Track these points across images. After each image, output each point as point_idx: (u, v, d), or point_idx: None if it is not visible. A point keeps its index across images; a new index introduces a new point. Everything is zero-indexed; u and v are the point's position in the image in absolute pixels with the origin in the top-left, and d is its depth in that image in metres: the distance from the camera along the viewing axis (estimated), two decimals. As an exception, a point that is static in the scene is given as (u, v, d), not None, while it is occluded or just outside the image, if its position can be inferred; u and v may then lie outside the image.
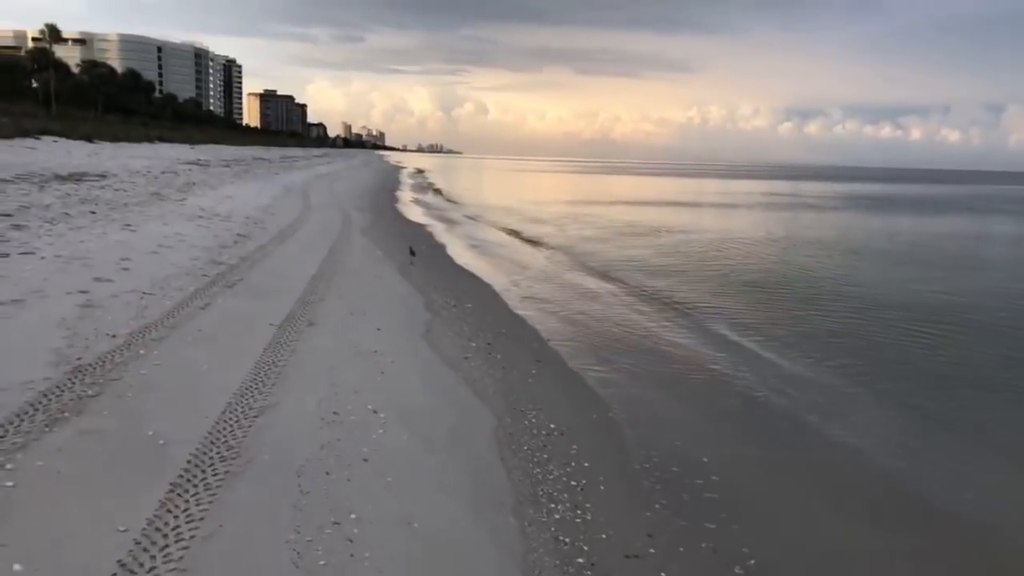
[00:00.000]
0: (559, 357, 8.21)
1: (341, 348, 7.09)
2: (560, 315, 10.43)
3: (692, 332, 9.83)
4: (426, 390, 6.29)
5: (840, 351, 9.09)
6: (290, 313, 8.12)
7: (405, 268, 12.60)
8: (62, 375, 5.27)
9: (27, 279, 7.85)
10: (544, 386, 6.96)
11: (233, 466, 4.29)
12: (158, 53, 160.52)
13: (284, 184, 30.10)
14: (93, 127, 45.06)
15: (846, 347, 9.32)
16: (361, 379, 6.25)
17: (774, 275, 15.22)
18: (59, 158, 25.35)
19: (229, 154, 53.51)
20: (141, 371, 5.63)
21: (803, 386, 7.63)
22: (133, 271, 9.04)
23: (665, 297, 12.11)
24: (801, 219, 32.40)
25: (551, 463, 5.17)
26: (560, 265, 15.43)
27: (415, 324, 8.67)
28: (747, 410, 6.92)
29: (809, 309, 11.66)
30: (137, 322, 6.90)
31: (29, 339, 5.95)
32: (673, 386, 7.51)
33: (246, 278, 9.71)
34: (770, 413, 6.84)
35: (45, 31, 66.79)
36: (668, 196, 50.80)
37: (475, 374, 6.98)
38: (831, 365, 8.45)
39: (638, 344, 9.06)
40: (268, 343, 6.87)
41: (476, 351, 7.86)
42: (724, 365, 8.30)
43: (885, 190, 74.72)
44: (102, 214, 13.30)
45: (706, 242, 20.84)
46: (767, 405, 7.04)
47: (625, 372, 7.82)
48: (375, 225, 19.15)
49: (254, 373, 5.98)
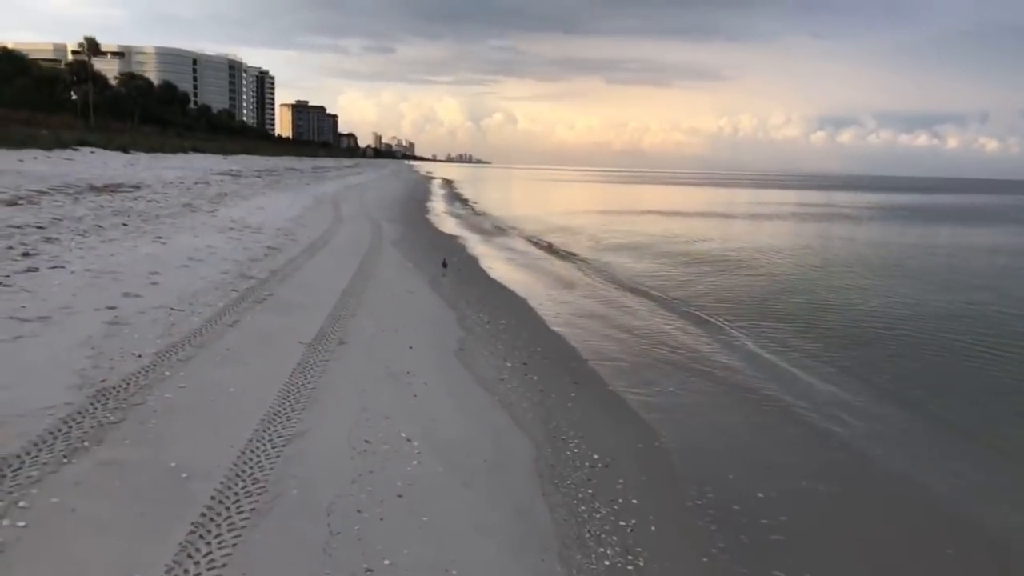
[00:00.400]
0: (598, 378, 7.84)
1: (372, 369, 6.81)
2: (597, 332, 10.06)
3: (736, 352, 9.40)
4: (461, 415, 5.97)
5: (897, 376, 8.60)
6: (320, 330, 7.88)
7: (437, 281, 12.33)
8: (84, 399, 5.05)
9: (55, 295, 7.71)
10: (584, 411, 6.59)
11: (259, 503, 4.01)
12: (193, 65, 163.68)
13: (315, 195, 30.14)
14: (130, 138, 45.80)
15: (903, 372, 8.83)
16: (393, 403, 5.96)
17: (819, 291, 14.69)
18: (95, 169, 25.63)
19: (261, 164, 54.04)
20: (166, 395, 5.40)
21: (860, 414, 7.17)
22: (162, 286, 8.88)
23: (706, 313, 11.67)
24: (839, 231, 31.64)
25: (597, 500, 4.80)
26: (595, 278, 15.06)
27: (448, 342, 8.37)
28: (802, 439, 6.49)
29: (858, 329, 11.13)
30: (164, 340, 6.70)
31: (53, 360, 5.76)
32: (719, 411, 7.11)
33: (276, 293, 9.50)
34: (827, 442, 6.40)
35: (84, 44, 68.25)
36: (701, 206, 50.10)
37: (511, 397, 6.65)
38: (889, 391, 7.97)
39: (680, 364, 8.66)
40: (298, 363, 6.61)
41: (512, 371, 7.52)
42: (773, 389, 7.87)
43: (922, 200, 73.09)
44: (134, 226, 13.25)
45: (745, 255, 20.30)
46: (823, 433, 6.60)
47: (668, 395, 7.43)
48: (406, 237, 18.95)
49: (283, 396, 5.72)
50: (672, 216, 37.98)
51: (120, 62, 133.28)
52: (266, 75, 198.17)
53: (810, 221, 37.34)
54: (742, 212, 44.08)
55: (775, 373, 8.48)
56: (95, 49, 69.76)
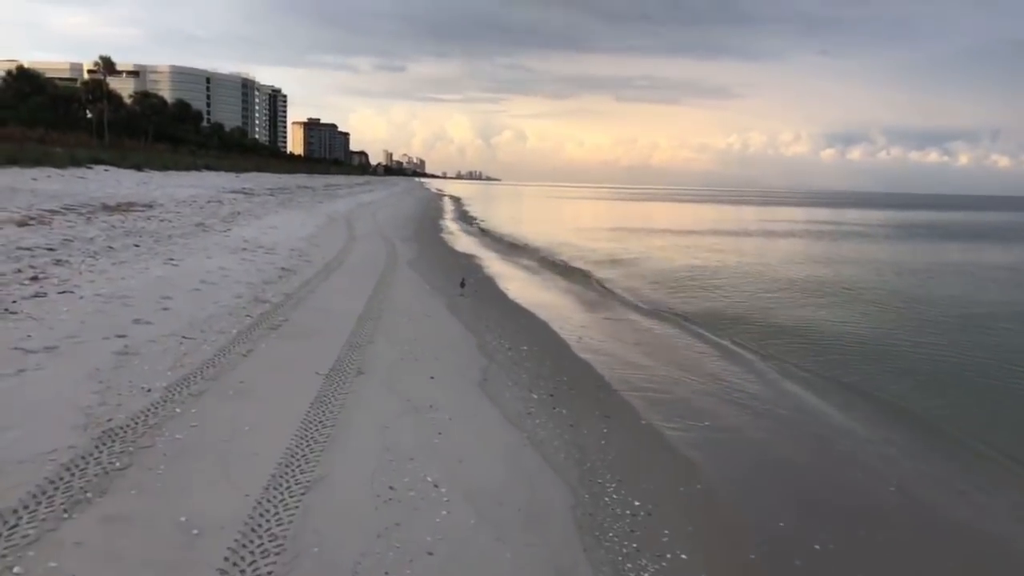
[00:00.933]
0: (629, 410, 7.43)
1: (393, 402, 6.45)
2: (622, 359, 9.65)
3: (768, 381, 8.98)
4: (489, 456, 5.58)
5: (950, 414, 8.15)
6: (338, 359, 7.53)
7: (455, 304, 11.98)
8: (89, 442, 4.71)
9: (63, 322, 7.41)
10: (619, 449, 6.19)
11: (277, 565, 3.63)
12: (207, 84, 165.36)
13: (328, 213, 29.96)
14: (143, 156, 45.92)
15: (952, 405, 8.39)
16: (417, 442, 5.58)
17: (852, 317, 14.21)
18: (108, 188, 25.54)
19: (273, 182, 54.10)
20: (176, 435, 5.05)
21: (909, 452, 6.74)
22: (174, 311, 8.57)
23: (738, 339, 11.23)
24: (860, 251, 31.11)
25: (643, 556, 4.40)
26: (614, 300, 14.67)
27: (470, 371, 8.00)
28: (851, 480, 6.06)
29: (901, 360, 10.68)
30: (175, 373, 6.36)
31: (57, 396, 5.43)
32: (760, 448, 6.69)
33: (291, 318, 9.18)
34: (879, 484, 5.97)
35: (100, 63, 68.93)
36: (715, 224, 49.65)
37: (541, 434, 6.25)
38: (939, 428, 7.54)
39: (716, 394, 8.25)
40: (315, 397, 6.26)
41: (539, 404, 7.13)
42: (812, 422, 7.45)
43: (937, 218, 72.41)
44: (146, 247, 13.00)
45: (768, 276, 19.87)
46: (873, 473, 6.17)
47: (706, 430, 7.01)
48: (421, 256, 18.64)
49: (300, 435, 5.36)
50: (687, 235, 37.54)
51: (135, 81, 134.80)
52: (278, 93, 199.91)
53: (826, 240, 36.82)
54: (756, 230, 43.60)
55: (812, 405, 8.05)
56: (110, 68, 70.45)
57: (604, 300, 14.63)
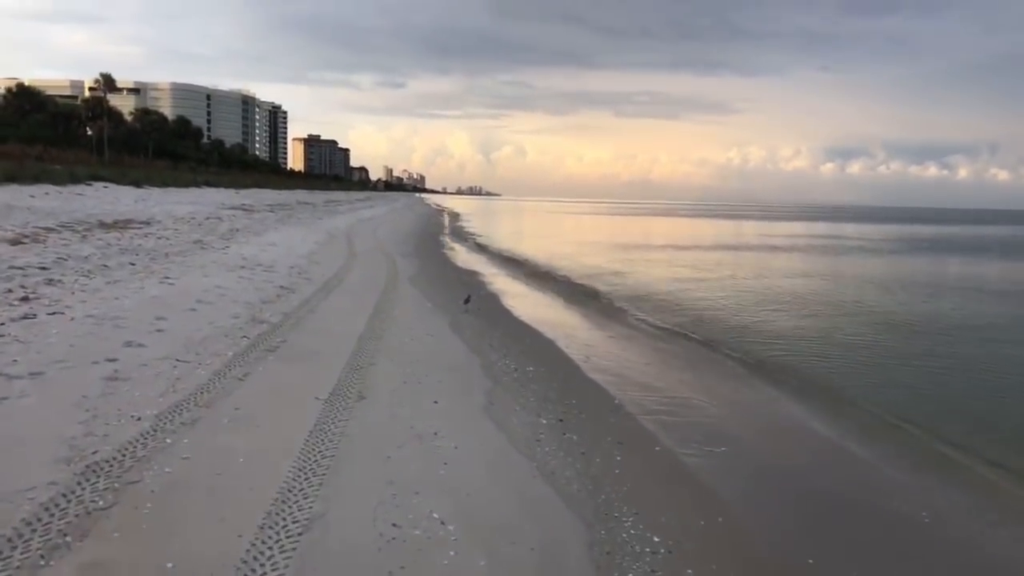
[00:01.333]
0: (643, 436, 7.11)
1: (397, 429, 6.14)
2: (631, 379, 9.34)
3: (790, 403, 8.67)
4: (498, 488, 5.26)
5: (986, 438, 7.84)
6: (338, 383, 7.23)
7: (458, 322, 11.69)
8: (71, 478, 4.39)
9: (52, 345, 7.11)
10: (634, 478, 5.87)
11: (271, 618, 3.32)
12: (207, 101, 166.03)
13: (328, 229, 29.73)
14: (142, 173, 45.78)
15: (989, 430, 8.08)
16: (422, 473, 5.27)
17: (872, 336, 13.88)
18: (106, 205, 25.33)
19: (273, 198, 53.97)
20: (166, 469, 4.73)
21: (947, 483, 6.43)
22: (168, 332, 8.27)
23: (754, 358, 10.92)
24: (867, 265, 30.87)
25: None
26: (621, 317, 14.36)
27: (475, 394, 7.69)
28: (883, 514, 5.74)
29: (923, 382, 10.38)
30: (167, 399, 6.05)
31: (41, 426, 5.12)
32: (784, 476, 6.38)
33: (289, 339, 8.88)
34: (913, 516, 5.65)
35: (101, 80, 69.04)
36: (717, 239, 49.38)
37: (551, 463, 5.94)
38: (976, 463, 7.22)
39: (731, 417, 7.93)
40: (314, 424, 5.95)
41: (548, 430, 6.81)
42: (842, 451, 7.14)
43: (939, 232, 72.26)
44: (141, 265, 12.72)
45: (779, 292, 19.57)
46: (908, 504, 5.85)
47: (723, 457, 6.69)
48: (422, 273, 18.36)
49: (299, 467, 5.05)
50: (690, 250, 37.26)
51: (136, 98, 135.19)
52: (279, 110, 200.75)
53: (830, 254, 36.59)
54: (759, 245, 43.35)
55: (833, 430, 7.74)
56: (111, 85, 70.57)
57: (609, 317, 14.33)
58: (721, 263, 28.56)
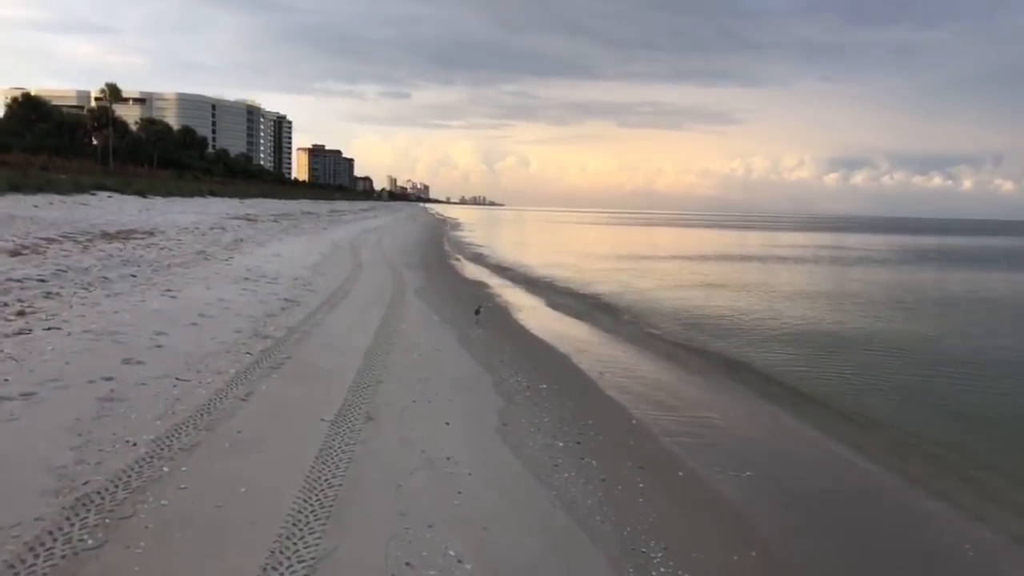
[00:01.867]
0: (665, 459, 6.78)
1: (407, 455, 5.81)
2: (648, 397, 8.99)
3: (812, 423, 8.32)
4: (517, 521, 4.92)
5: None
6: (344, 403, 6.90)
7: (466, 337, 11.37)
8: (59, 512, 4.07)
9: (46, 363, 6.80)
10: (659, 507, 5.53)
11: None
12: (212, 110, 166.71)
13: (332, 240, 29.47)
14: (147, 182, 45.65)
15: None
16: (435, 504, 4.93)
17: (891, 350, 13.53)
18: (109, 215, 25.10)
19: (278, 208, 53.78)
20: (162, 500, 4.41)
21: (980, 510, 6.08)
22: (168, 348, 7.96)
23: (777, 375, 10.55)
24: (883, 277, 30.47)
25: (706, 651, 3.74)
26: (633, 329, 14.01)
27: (487, 415, 7.36)
28: (917, 540, 5.40)
29: (961, 405, 10.03)
30: (165, 422, 5.73)
31: (29, 454, 4.80)
32: (817, 504, 6.04)
33: (294, 355, 8.56)
34: (954, 549, 5.30)
35: (106, 91, 69.17)
36: (725, 249, 48.95)
37: (571, 492, 5.60)
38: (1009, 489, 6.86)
39: (753, 438, 7.60)
40: (320, 449, 5.62)
41: (565, 454, 6.48)
42: (872, 475, 6.79)
43: (946, 242, 71.80)
44: (143, 277, 12.43)
45: (793, 305, 19.22)
46: (945, 533, 5.51)
47: (750, 483, 6.34)
48: (428, 284, 18.06)
49: (304, 497, 4.72)
50: (699, 260, 36.87)
51: (141, 108, 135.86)
52: (283, 120, 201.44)
53: (839, 265, 36.20)
54: (766, 255, 42.94)
55: (863, 453, 7.39)
56: (117, 95, 70.76)
57: (620, 331, 13.98)
58: (733, 274, 28.19)
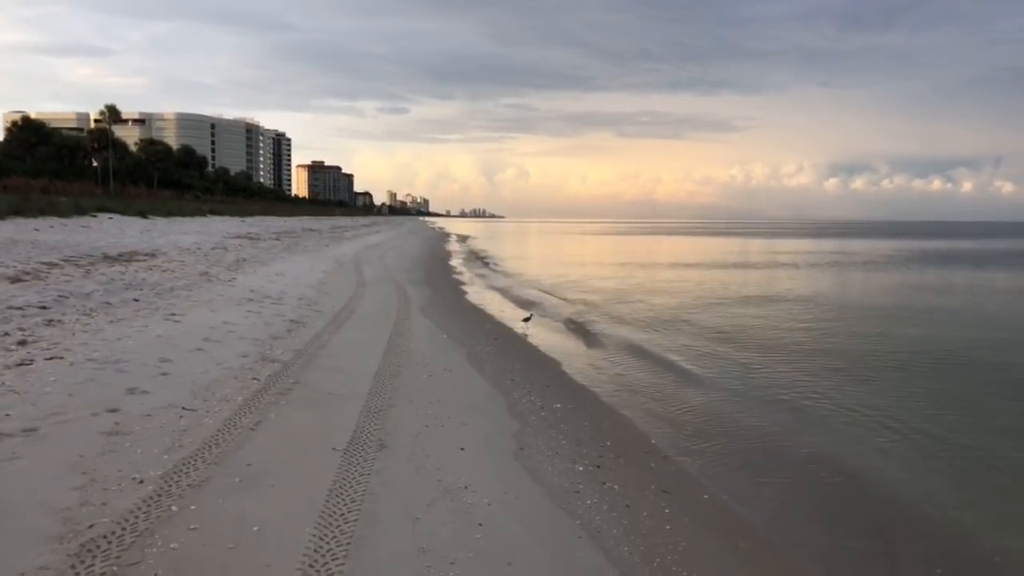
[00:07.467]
0: (689, 481, 6.56)
1: (423, 484, 5.60)
2: (667, 416, 8.77)
3: (839, 440, 8.08)
4: (543, 556, 4.70)
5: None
6: (356, 430, 6.70)
7: (476, 356, 11.17)
8: (63, 560, 3.86)
9: (48, 395, 6.60)
10: (688, 535, 5.31)
11: None
12: (211, 130, 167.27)
13: (335, 257, 29.32)
14: (148, 203, 45.64)
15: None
16: (456, 538, 4.72)
17: (909, 355, 13.31)
18: (111, 237, 24.97)
19: (279, 226, 53.73)
20: (171, 544, 4.20)
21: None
22: (173, 376, 7.76)
23: (798, 389, 10.32)
24: (892, 281, 30.23)
25: None
26: (649, 344, 13.75)
27: (503, 439, 7.15)
28: (948, 554, 5.17)
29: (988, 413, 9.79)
30: (172, 456, 5.53)
31: (31, 496, 4.59)
32: (842, 525, 5.80)
33: (302, 379, 8.36)
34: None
35: (106, 112, 69.30)
36: (728, 257, 48.66)
37: (595, 520, 5.38)
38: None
39: (778, 455, 7.38)
40: (333, 481, 5.41)
41: (585, 479, 6.26)
42: (904, 491, 6.56)
43: (949, 245, 71.53)
44: (146, 301, 12.25)
45: (802, 312, 18.98)
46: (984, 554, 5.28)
47: (778, 505, 6.12)
48: (434, 302, 17.86)
49: (319, 535, 4.51)
50: (704, 268, 36.61)
51: (141, 128, 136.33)
52: (283, 137, 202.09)
53: (841, 269, 35.93)
54: (768, 262, 42.67)
55: (893, 469, 7.16)
56: (116, 117, 70.88)
57: (631, 345, 13.74)
58: (743, 282, 27.94)
